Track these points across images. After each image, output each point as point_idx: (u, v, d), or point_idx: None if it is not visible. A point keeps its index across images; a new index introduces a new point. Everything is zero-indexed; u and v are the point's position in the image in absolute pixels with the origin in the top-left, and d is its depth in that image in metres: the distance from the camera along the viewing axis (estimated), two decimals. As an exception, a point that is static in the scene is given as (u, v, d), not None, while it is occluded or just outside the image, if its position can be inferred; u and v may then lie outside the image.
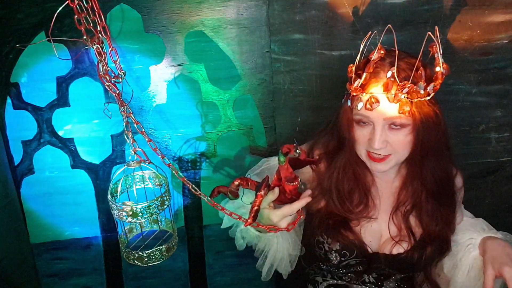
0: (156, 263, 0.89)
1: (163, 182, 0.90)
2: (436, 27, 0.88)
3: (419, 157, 0.96)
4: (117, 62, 0.71)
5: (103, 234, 1.43)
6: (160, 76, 1.30)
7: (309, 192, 0.88)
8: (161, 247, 0.89)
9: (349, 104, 0.93)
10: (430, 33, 0.86)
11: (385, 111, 0.88)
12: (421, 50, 0.87)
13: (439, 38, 0.86)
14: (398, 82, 0.85)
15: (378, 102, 0.87)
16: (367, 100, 0.88)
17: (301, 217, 0.91)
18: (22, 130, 1.31)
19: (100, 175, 1.37)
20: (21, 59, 1.24)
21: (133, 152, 0.79)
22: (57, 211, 1.39)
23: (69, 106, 1.30)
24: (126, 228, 0.97)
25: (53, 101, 1.29)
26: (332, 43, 1.28)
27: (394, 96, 0.85)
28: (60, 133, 1.33)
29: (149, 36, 1.26)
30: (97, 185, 1.38)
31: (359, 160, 1.01)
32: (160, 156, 0.80)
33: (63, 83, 1.28)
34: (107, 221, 1.42)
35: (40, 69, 1.25)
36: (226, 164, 1.41)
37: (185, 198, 1.43)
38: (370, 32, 0.92)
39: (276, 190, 0.88)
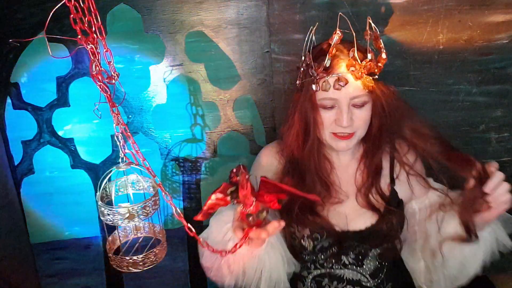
0: (150, 267, 0.87)
1: (150, 184, 0.87)
2: (369, 18, 0.95)
3: (375, 133, 1.04)
4: (111, 63, 0.71)
5: (103, 234, 1.43)
6: (160, 76, 1.30)
7: (271, 228, 0.80)
8: (154, 250, 0.88)
9: (314, 89, 0.98)
10: (368, 18, 0.95)
11: (350, 90, 0.95)
12: (367, 35, 0.95)
13: (374, 26, 0.95)
14: (359, 61, 0.93)
15: (347, 81, 0.94)
16: (336, 80, 0.94)
17: (244, 244, 0.81)
18: (22, 130, 1.31)
19: (100, 175, 1.38)
20: (21, 59, 1.24)
21: (122, 155, 0.78)
22: (57, 211, 1.39)
23: (69, 106, 1.30)
24: (120, 233, 0.96)
25: (53, 101, 1.29)
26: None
27: (359, 73, 0.94)
28: (60, 133, 1.33)
29: (149, 36, 1.26)
30: (97, 185, 1.38)
31: (320, 148, 1.07)
32: (149, 173, 0.77)
33: (63, 83, 1.28)
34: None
35: (40, 69, 1.26)
36: (226, 164, 1.41)
37: (185, 198, 1.43)
38: (317, 23, 1.02)
39: (238, 208, 0.82)
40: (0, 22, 1.20)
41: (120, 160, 0.80)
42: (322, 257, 1.09)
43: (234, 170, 0.78)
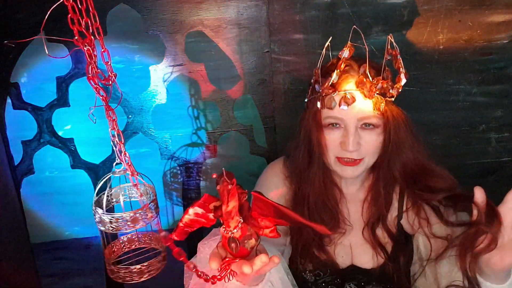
0: (154, 275, 0.86)
1: (149, 191, 0.83)
2: (390, 35, 0.87)
3: (386, 162, 0.93)
4: (109, 64, 0.71)
5: (103, 234, 1.43)
6: (160, 76, 1.30)
7: (263, 262, 0.59)
8: (156, 257, 0.87)
9: (319, 106, 0.89)
10: (390, 37, 0.86)
11: (358, 110, 0.85)
12: (385, 51, 0.87)
13: (395, 45, 0.87)
14: (371, 78, 0.84)
15: (354, 99, 0.85)
16: (343, 98, 0.85)
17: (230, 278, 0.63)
18: (22, 130, 1.31)
19: (100, 175, 1.37)
20: (21, 59, 1.24)
21: (118, 161, 0.77)
22: (57, 211, 1.39)
23: (69, 106, 1.30)
24: (117, 244, 0.94)
25: (53, 101, 1.29)
26: (332, 43, 1.27)
27: (369, 92, 0.84)
28: (60, 133, 1.33)
29: (149, 36, 1.26)
30: (97, 185, 1.38)
31: (327, 173, 0.97)
32: (138, 190, 0.74)
33: (63, 83, 1.28)
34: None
35: (40, 69, 1.25)
36: (226, 164, 1.40)
37: (185, 198, 1.43)
38: (330, 37, 0.91)
39: (221, 229, 0.63)
40: (0, 22, 1.20)
41: (114, 165, 0.79)
42: (323, 285, 1.01)
43: (215, 175, 0.60)
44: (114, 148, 0.73)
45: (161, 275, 1.06)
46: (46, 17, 0.60)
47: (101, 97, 0.69)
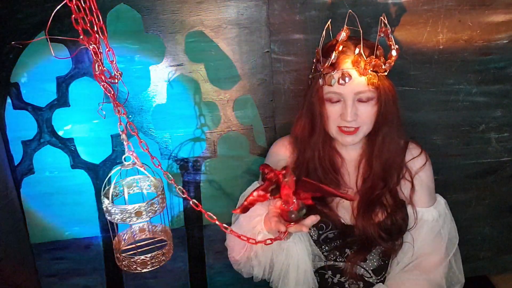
0: (157, 267, 0.88)
1: (158, 184, 0.87)
2: (383, 15, 1.01)
3: (378, 129, 1.06)
4: (114, 62, 0.71)
5: (103, 234, 1.43)
6: (160, 76, 1.30)
7: (309, 221, 0.87)
8: (161, 250, 0.89)
9: (321, 83, 1.02)
10: (382, 18, 1.00)
11: (355, 86, 0.98)
12: (378, 33, 1.01)
13: (388, 25, 1.01)
14: (365, 57, 0.96)
15: (351, 76, 0.97)
16: (340, 76, 0.98)
17: (283, 239, 0.90)
18: (22, 130, 1.31)
19: (100, 175, 1.37)
20: (21, 59, 1.24)
21: (129, 154, 0.79)
22: (57, 211, 1.39)
23: (69, 106, 1.30)
24: (126, 234, 0.96)
25: (53, 101, 1.29)
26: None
27: (364, 70, 0.97)
28: (60, 133, 1.33)
29: (149, 36, 1.26)
30: (97, 185, 1.38)
31: (328, 141, 1.11)
32: (156, 166, 0.79)
33: (63, 83, 1.28)
34: (107, 221, 1.42)
35: (40, 69, 1.25)
36: (226, 164, 1.41)
37: (185, 199, 1.43)
38: (330, 20, 1.07)
39: (278, 203, 0.89)
40: (0, 22, 1.20)
41: (123, 159, 0.81)
42: (326, 248, 1.11)
43: (273, 171, 0.83)
44: (124, 143, 0.77)
45: (161, 275, 1.07)
46: (51, 18, 0.61)
47: (109, 94, 0.70)
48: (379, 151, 1.08)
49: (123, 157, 0.81)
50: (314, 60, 1.07)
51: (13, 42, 1.18)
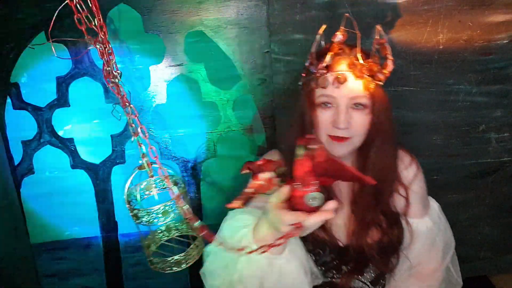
0: (191, 263, 0.87)
1: (178, 181, 0.87)
2: (379, 26, 0.95)
3: (370, 141, 0.98)
4: (113, 62, 0.71)
5: (103, 234, 1.43)
6: (160, 76, 1.30)
7: (332, 205, 0.67)
8: (194, 244, 0.87)
9: (313, 86, 0.96)
10: (378, 26, 0.95)
11: (350, 90, 0.92)
12: (374, 40, 0.95)
13: (384, 34, 0.96)
14: (361, 60, 0.91)
15: (346, 79, 0.91)
16: (335, 78, 0.92)
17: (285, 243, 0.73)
18: (22, 130, 1.31)
19: (100, 175, 1.37)
20: (21, 59, 1.24)
21: (144, 159, 0.78)
22: (57, 211, 1.39)
23: (69, 106, 1.30)
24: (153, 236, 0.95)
25: (53, 101, 1.29)
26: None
27: (360, 73, 0.91)
28: (60, 133, 1.33)
29: (149, 36, 1.26)
30: (97, 185, 1.38)
31: None
32: (162, 169, 0.77)
33: (63, 83, 1.28)
34: (107, 221, 1.42)
35: (40, 69, 1.26)
36: (226, 164, 1.40)
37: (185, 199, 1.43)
38: (324, 25, 0.98)
39: (286, 189, 0.69)
40: (0, 22, 1.20)
41: (140, 162, 0.79)
42: (323, 269, 1.05)
43: (265, 160, 0.67)
44: (138, 146, 0.75)
45: (161, 275, 1.06)
46: (53, 19, 0.61)
47: (118, 96, 0.70)
48: (372, 165, 1.00)
49: (140, 161, 0.79)
50: (306, 65, 1.00)
51: (29, 45, 1.19)
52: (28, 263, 1.42)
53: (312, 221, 0.67)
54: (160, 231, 0.98)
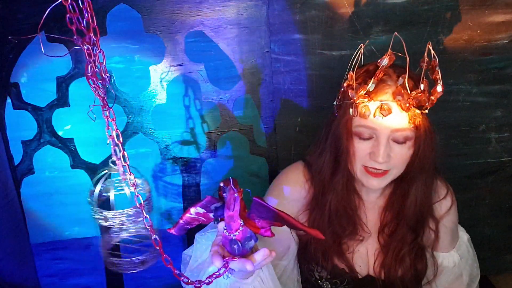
0: (154, 262, 0.87)
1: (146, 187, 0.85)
2: (429, 43, 0.85)
3: (411, 174, 0.91)
4: (103, 65, 0.71)
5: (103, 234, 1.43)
6: (160, 76, 1.30)
7: (259, 256, 0.66)
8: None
9: (351, 113, 0.86)
10: (428, 44, 0.85)
11: (393, 122, 0.82)
12: (424, 61, 0.85)
13: (434, 54, 0.85)
14: (409, 90, 0.80)
15: (391, 110, 0.81)
16: (379, 108, 0.81)
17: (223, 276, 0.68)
18: (22, 130, 1.31)
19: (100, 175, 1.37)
20: (21, 59, 1.24)
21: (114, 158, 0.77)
22: (57, 211, 1.39)
23: (69, 106, 1.30)
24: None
25: (53, 101, 1.29)
26: (332, 43, 1.28)
27: (407, 105, 0.81)
28: (60, 133, 1.33)
29: (149, 36, 1.26)
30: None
31: (350, 180, 0.95)
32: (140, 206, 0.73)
33: (63, 83, 1.28)
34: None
35: (40, 69, 1.25)
36: (226, 164, 1.40)
37: (185, 199, 1.43)
38: (362, 45, 0.89)
39: (220, 226, 0.69)
40: (0, 22, 1.20)
41: (110, 162, 0.80)
42: None
43: (222, 184, 0.65)
44: (115, 147, 0.75)
45: (161, 275, 1.06)
46: (44, 16, 0.61)
47: (99, 97, 0.69)
48: (414, 200, 0.93)
49: (109, 161, 0.80)
50: (344, 85, 0.89)
51: (10, 37, 1.17)
52: (28, 263, 1.42)
53: (234, 266, 0.65)
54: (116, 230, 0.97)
